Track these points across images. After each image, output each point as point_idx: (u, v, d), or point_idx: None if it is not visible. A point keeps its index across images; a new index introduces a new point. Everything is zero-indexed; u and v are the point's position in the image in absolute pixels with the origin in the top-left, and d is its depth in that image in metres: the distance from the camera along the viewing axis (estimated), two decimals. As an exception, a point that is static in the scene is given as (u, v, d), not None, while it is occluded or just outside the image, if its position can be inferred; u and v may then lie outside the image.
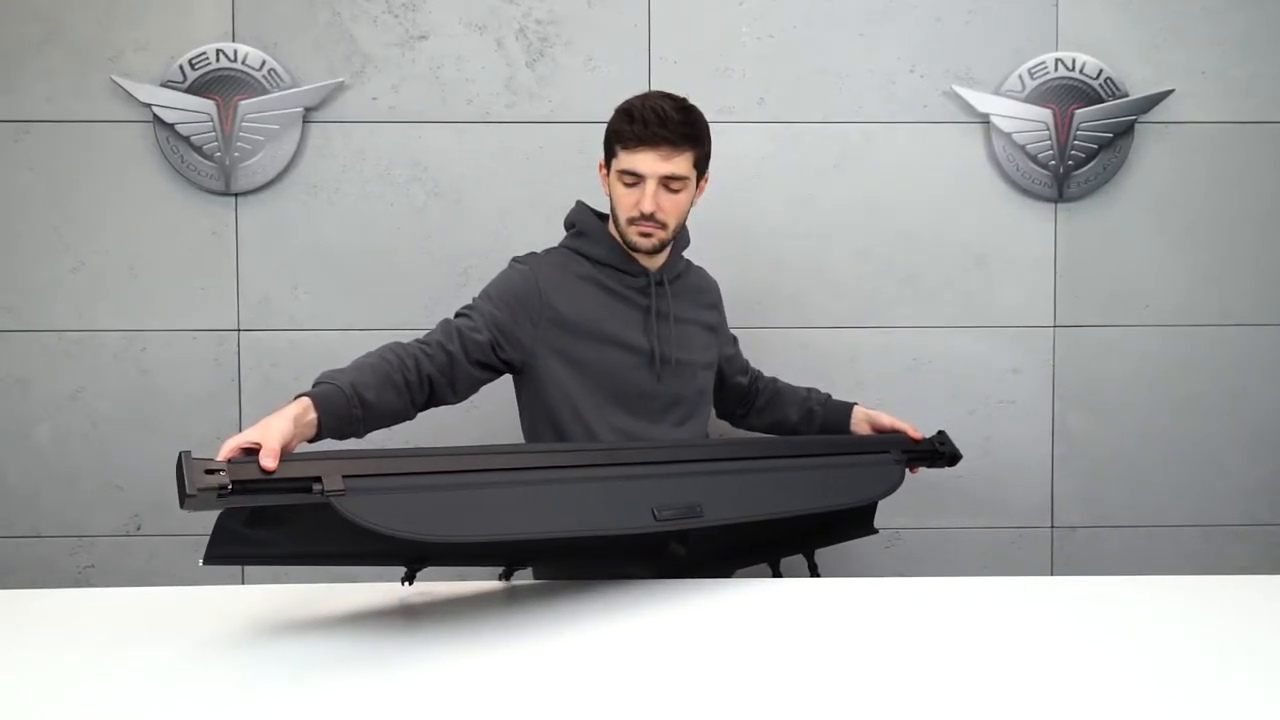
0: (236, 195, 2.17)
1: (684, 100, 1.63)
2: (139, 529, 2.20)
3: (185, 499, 1.10)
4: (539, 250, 1.74)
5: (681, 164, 1.59)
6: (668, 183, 1.59)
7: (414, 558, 1.44)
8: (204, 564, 1.22)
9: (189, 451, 1.14)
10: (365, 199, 2.19)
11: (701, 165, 1.65)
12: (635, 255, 1.67)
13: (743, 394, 1.94)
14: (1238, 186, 2.23)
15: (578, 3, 2.18)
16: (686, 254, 1.80)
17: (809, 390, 1.94)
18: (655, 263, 1.69)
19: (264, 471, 1.15)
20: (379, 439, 1.59)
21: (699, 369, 1.73)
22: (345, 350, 2.17)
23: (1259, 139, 2.22)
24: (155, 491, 2.20)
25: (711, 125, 2.17)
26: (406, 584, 1.46)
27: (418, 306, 2.20)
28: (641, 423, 1.66)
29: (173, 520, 2.20)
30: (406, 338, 2.18)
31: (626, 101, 1.63)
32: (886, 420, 1.83)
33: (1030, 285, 2.24)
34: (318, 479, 1.17)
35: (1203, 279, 2.24)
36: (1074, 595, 1.43)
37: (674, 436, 1.68)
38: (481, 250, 2.19)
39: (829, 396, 1.91)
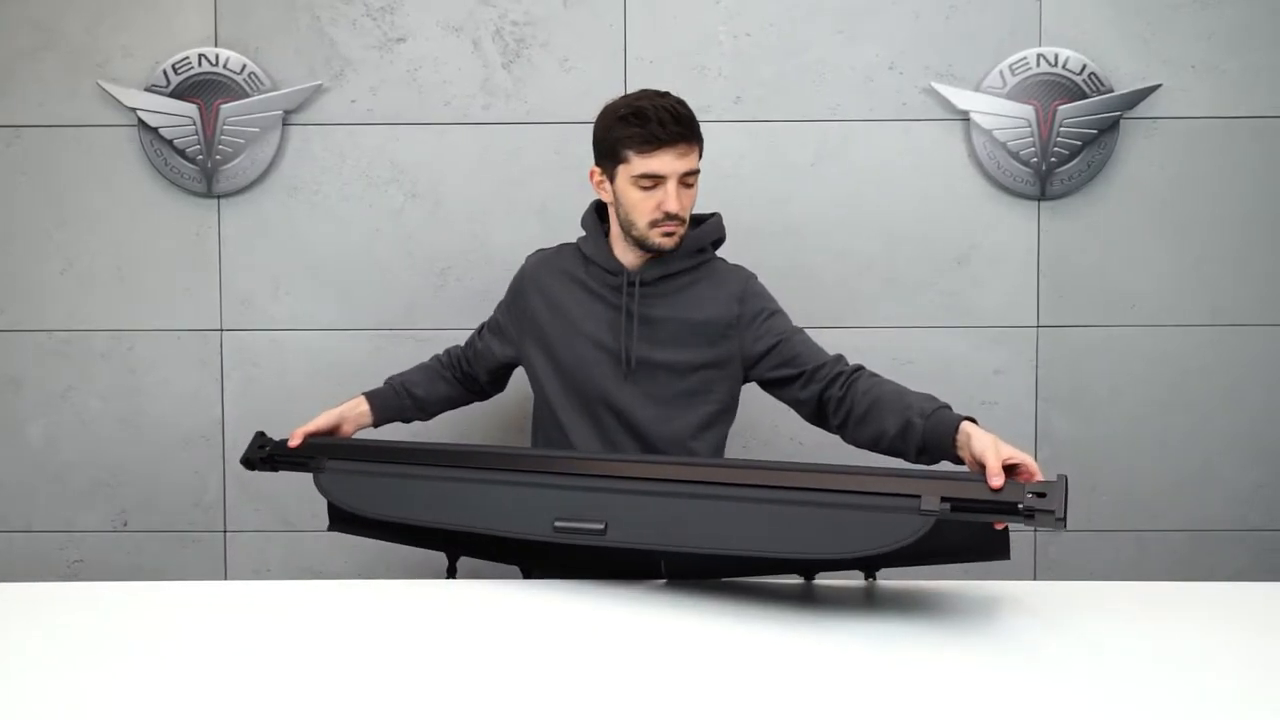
0: (219, 197, 2.20)
1: (672, 95, 1.64)
2: (125, 525, 2.25)
3: (242, 460, 1.72)
4: (553, 246, 1.82)
5: (694, 158, 1.62)
6: (684, 179, 1.61)
7: (443, 546, 1.66)
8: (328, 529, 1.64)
9: (263, 431, 1.73)
10: (344, 200, 2.21)
11: (701, 156, 1.66)
12: (620, 255, 1.68)
13: (811, 393, 1.63)
14: (1227, 183, 2.18)
15: (553, 3, 2.19)
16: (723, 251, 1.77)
17: (920, 398, 1.52)
18: (638, 262, 1.68)
19: (290, 449, 1.66)
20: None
21: (685, 370, 1.68)
22: (326, 349, 2.22)
23: (1248, 134, 2.17)
24: (142, 488, 2.24)
25: (689, 124, 2.20)
26: (450, 576, 1.66)
27: (397, 307, 2.22)
28: (612, 420, 1.66)
29: (158, 516, 2.25)
30: (385, 337, 2.27)
31: (625, 105, 1.61)
32: (978, 448, 1.34)
33: (1013, 285, 2.20)
34: (314, 458, 1.62)
35: (1191, 278, 2.19)
36: (1058, 600, 1.40)
37: (655, 433, 1.66)
38: (459, 251, 2.21)
39: (939, 408, 1.48)
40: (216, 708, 1.01)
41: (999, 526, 1.29)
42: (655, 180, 1.58)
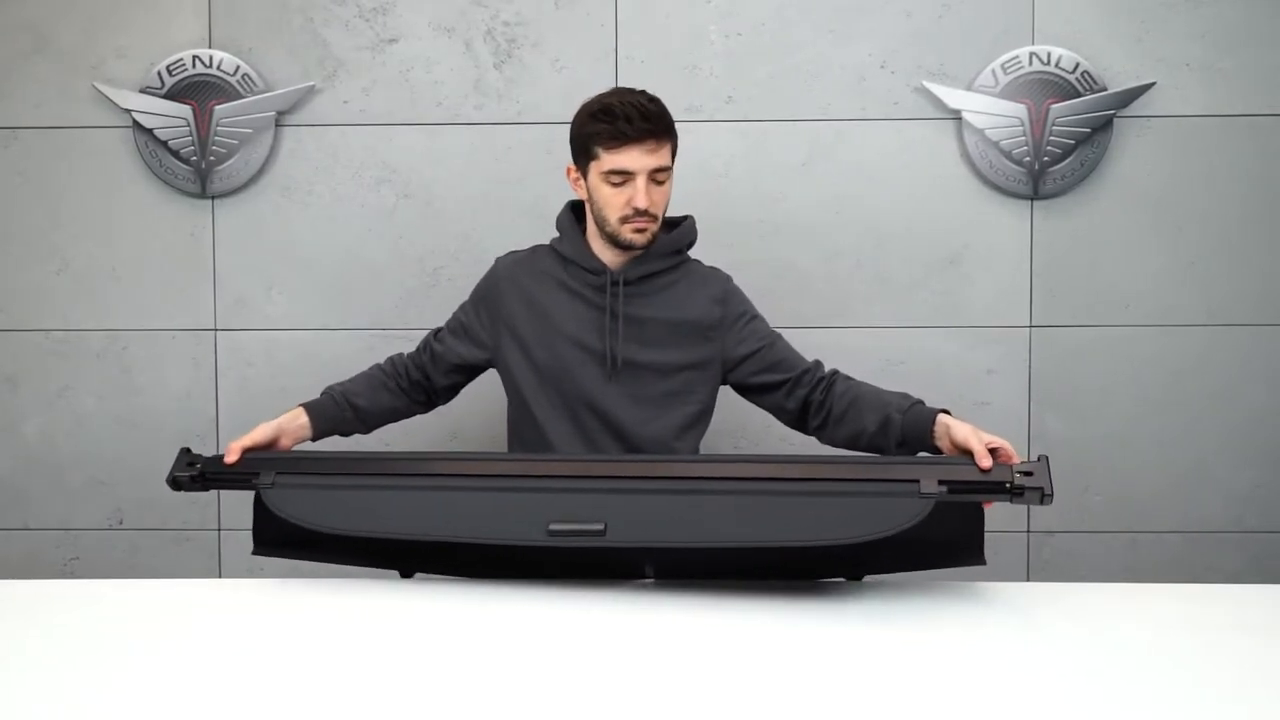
0: (213, 198, 2.22)
1: (647, 93, 1.65)
2: (121, 523, 2.27)
3: (169, 480, 1.51)
4: (525, 247, 1.80)
5: (665, 155, 1.62)
6: (655, 175, 1.61)
7: (394, 563, 1.56)
8: (254, 553, 1.51)
9: (188, 448, 1.55)
10: (337, 200, 2.22)
11: (675, 154, 1.66)
12: (601, 254, 1.68)
13: (796, 399, 1.69)
14: (1222, 181, 2.16)
15: (545, 4, 2.19)
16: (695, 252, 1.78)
17: (895, 395, 1.60)
18: (619, 262, 1.69)
19: (227, 465, 1.49)
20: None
21: (669, 371, 1.68)
22: (319, 349, 2.23)
23: (1244, 132, 2.15)
24: (137, 486, 2.26)
25: (679, 124, 2.16)
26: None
27: (389, 306, 2.23)
28: (595, 422, 1.66)
29: (153, 514, 2.27)
30: (378, 337, 2.28)
31: (596, 103, 1.63)
32: (959, 435, 1.43)
33: (1005, 284, 2.19)
34: (258, 474, 1.46)
35: (1185, 278, 2.18)
36: (1052, 601, 1.39)
37: (638, 434, 1.66)
38: (451, 251, 2.22)
39: (915, 403, 1.57)
40: (211, 704, 1.01)
41: (988, 506, 1.37)
42: (625, 176, 1.59)
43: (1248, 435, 2.19)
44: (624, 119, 1.57)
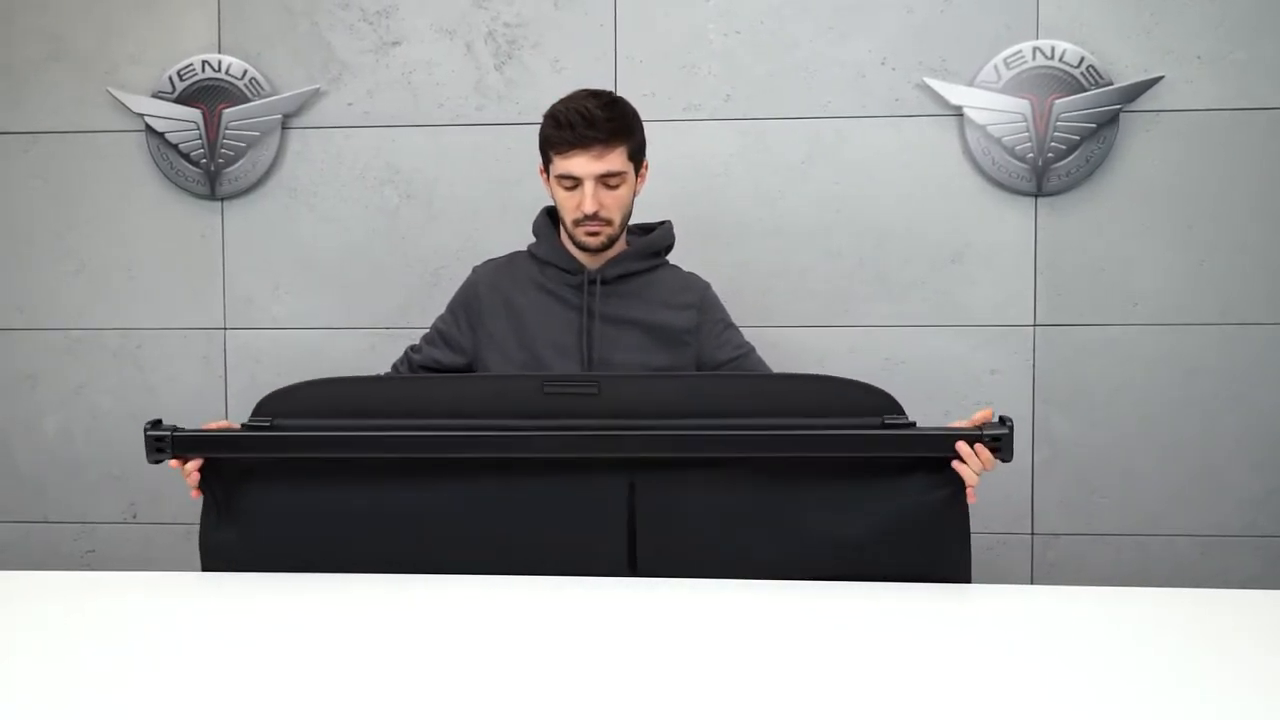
0: (222, 200, 2.27)
1: (609, 95, 1.65)
2: (135, 516, 2.33)
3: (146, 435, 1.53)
4: (503, 255, 1.81)
5: (615, 160, 1.60)
6: (605, 180, 1.60)
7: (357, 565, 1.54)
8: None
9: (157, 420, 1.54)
10: (342, 202, 2.26)
11: (637, 156, 1.66)
12: (577, 255, 1.70)
13: None
14: (1233, 176, 2.10)
15: (545, 5, 2.20)
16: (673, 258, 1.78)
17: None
18: (596, 262, 1.70)
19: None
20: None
21: (647, 372, 1.69)
22: (324, 348, 2.27)
23: (1256, 126, 2.09)
24: (150, 481, 2.31)
25: (678, 123, 2.20)
26: None
27: (392, 306, 2.26)
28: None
29: (167, 509, 2.33)
30: (381, 336, 2.31)
31: (552, 106, 1.65)
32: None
33: (1009, 283, 2.16)
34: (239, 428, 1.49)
35: (1195, 276, 2.13)
36: (1054, 605, 1.36)
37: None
38: (453, 251, 2.24)
39: None
40: (223, 694, 1.04)
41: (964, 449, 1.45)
42: (574, 181, 1.60)
43: (1260, 437, 2.13)
44: (567, 125, 1.58)
